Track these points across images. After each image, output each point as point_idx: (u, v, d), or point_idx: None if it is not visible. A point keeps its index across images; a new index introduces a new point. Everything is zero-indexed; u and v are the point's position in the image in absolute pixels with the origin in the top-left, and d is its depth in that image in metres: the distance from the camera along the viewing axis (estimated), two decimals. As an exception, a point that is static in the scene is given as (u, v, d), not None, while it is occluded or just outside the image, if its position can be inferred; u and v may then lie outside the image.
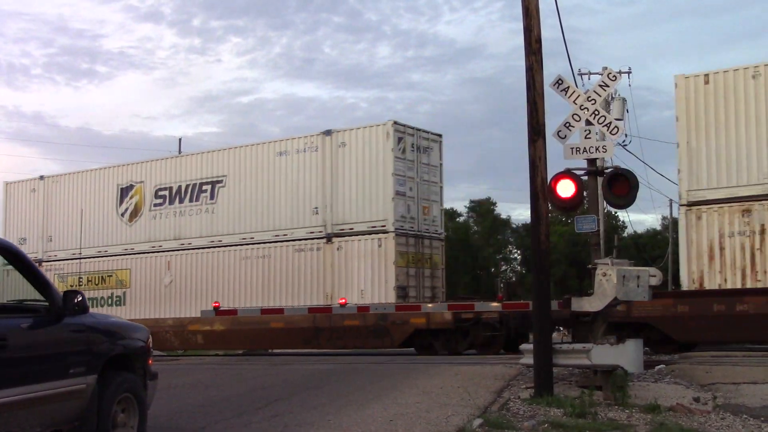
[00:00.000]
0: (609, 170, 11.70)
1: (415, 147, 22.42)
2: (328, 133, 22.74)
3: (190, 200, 24.99)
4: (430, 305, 21.18)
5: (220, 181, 24.52)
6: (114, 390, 7.13)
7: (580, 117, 11.76)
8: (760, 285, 16.88)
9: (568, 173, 11.47)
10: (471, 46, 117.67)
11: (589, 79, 35.17)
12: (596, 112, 11.74)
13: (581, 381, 11.34)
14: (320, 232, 22.60)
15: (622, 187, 11.43)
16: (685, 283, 18.19)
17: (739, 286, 17.16)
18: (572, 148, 11.70)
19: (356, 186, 22.20)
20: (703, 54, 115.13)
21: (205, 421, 9.27)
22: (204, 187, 24.77)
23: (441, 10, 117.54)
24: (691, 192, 17.97)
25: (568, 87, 11.96)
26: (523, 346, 11.87)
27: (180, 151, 47.63)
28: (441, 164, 23.48)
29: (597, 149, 11.62)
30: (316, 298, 22.33)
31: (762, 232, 17.18)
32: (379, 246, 21.61)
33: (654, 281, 10.95)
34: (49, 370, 6.43)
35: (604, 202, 15.38)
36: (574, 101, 11.85)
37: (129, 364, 7.56)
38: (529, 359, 11.37)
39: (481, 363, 15.55)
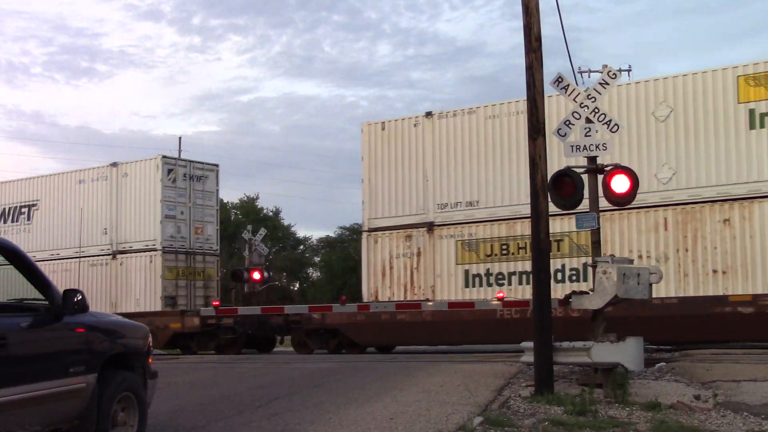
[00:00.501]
0: (609, 168, 11.65)
1: (188, 176, 26.18)
2: (114, 165, 26.55)
3: (12, 221, 28.58)
4: (184, 312, 24.61)
5: (35, 205, 28.17)
6: (114, 389, 7.13)
7: (580, 115, 11.73)
8: (416, 298, 20.74)
9: (568, 171, 11.44)
10: (471, 45, 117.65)
11: (589, 77, 34.79)
12: (596, 110, 11.72)
13: (582, 379, 11.33)
14: (108, 249, 26.22)
15: (623, 185, 11.39)
16: (365, 296, 21.69)
17: (402, 298, 20.91)
18: (572, 146, 11.67)
19: (135, 210, 25.92)
20: (703, 52, 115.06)
21: (206, 419, 9.26)
22: (23, 210, 28.46)
23: (441, 9, 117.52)
24: (370, 220, 21.72)
25: (568, 85, 11.92)
26: (524, 344, 11.85)
27: (180, 150, 47.82)
28: (217, 190, 27.34)
29: (597, 147, 11.59)
30: (103, 306, 25.09)
31: (419, 254, 20.92)
32: (150, 262, 25.34)
33: (654, 279, 10.92)
34: (48, 369, 6.43)
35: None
36: (574, 99, 11.83)
37: (129, 363, 7.56)
38: (529, 357, 11.36)
39: (481, 361, 15.57)
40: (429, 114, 21.13)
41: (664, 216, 18.01)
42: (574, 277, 18.77)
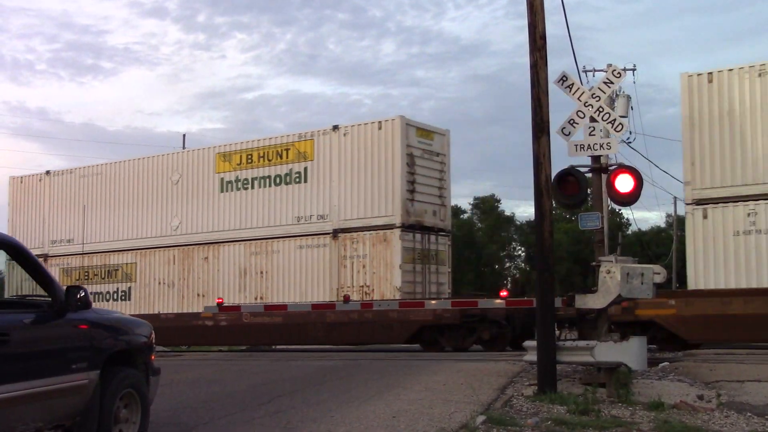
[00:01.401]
0: (613, 167, 11.61)
1: None
2: None
3: None
4: None
5: None
6: (116, 386, 7.12)
7: (584, 114, 11.68)
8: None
9: (572, 170, 11.42)
10: (475, 43, 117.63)
11: (593, 76, 35.08)
12: (600, 109, 11.66)
13: (585, 378, 11.32)
14: None
15: (627, 184, 11.36)
16: None
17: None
18: (576, 145, 11.63)
19: None
20: (707, 51, 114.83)
21: (208, 416, 9.26)
22: None
23: (445, 7, 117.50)
24: None
25: (573, 84, 11.88)
26: (527, 343, 11.83)
27: (184, 148, 48.24)
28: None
29: (601, 146, 11.55)
30: None
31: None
32: None
33: (658, 279, 10.89)
34: (51, 366, 6.42)
35: (608, 200, 15.55)
36: (578, 98, 11.78)
37: (131, 360, 7.56)
38: (532, 356, 11.34)
39: (484, 360, 15.54)
40: (48, 172, 27.84)
41: (174, 254, 24.79)
42: (123, 297, 25.42)
